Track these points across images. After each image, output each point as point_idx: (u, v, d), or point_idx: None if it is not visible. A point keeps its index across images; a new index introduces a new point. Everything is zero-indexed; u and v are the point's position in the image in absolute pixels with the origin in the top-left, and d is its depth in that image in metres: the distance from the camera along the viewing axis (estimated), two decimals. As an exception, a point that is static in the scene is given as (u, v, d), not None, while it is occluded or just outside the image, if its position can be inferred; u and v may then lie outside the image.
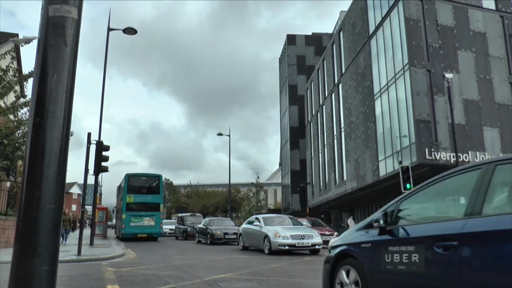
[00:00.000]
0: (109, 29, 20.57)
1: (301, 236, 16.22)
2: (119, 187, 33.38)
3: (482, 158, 26.17)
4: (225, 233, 24.36)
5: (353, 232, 5.36)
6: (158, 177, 30.04)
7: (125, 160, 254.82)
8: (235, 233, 24.75)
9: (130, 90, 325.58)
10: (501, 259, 3.20)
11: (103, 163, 17.38)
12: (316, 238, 16.50)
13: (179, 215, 37.98)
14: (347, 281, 4.92)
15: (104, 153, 17.35)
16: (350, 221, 29.85)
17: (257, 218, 19.16)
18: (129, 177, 28.84)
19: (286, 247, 15.92)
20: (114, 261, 13.52)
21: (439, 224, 4.12)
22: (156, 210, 28.17)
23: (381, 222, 4.59)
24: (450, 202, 4.73)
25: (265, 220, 18.36)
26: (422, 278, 3.94)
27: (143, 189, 28.79)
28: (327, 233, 21.41)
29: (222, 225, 25.97)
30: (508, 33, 27.88)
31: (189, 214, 38.03)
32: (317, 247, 16.37)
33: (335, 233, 21.39)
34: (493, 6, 29.84)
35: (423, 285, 3.95)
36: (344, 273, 5.02)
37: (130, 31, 20.23)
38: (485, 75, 28.00)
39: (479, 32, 28.87)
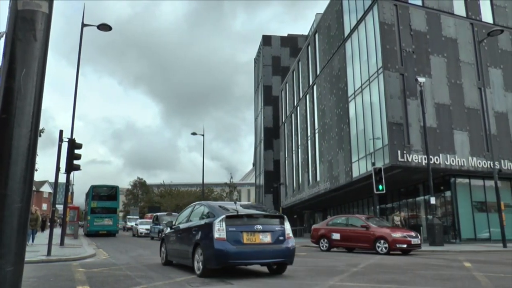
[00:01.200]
0: (83, 25, 20.24)
1: None
2: (86, 194, 39.96)
3: (452, 160, 26.65)
4: None
5: (167, 229, 12.47)
6: (115, 188, 37.88)
7: (99, 159, 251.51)
8: None
9: (105, 89, 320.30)
10: (187, 237, 10.41)
11: (75, 161, 17.11)
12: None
13: (155, 214, 37.21)
14: (163, 250, 12.28)
15: (76, 151, 17.08)
16: None
17: None
18: (93, 188, 36.95)
19: None
20: (85, 261, 13.35)
21: (182, 224, 11.22)
22: (113, 213, 36.19)
23: (170, 225, 12.24)
24: (186, 216, 11.46)
25: None
26: (175, 245, 11.29)
27: (104, 197, 36.33)
28: (413, 234, 18.40)
29: None
30: (477, 40, 28.45)
31: (165, 213, 36.99)
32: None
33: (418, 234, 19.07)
34: (464, 13, 30.43)
35: (176, 248, 11.23)
36: (162, 247, 12.37)
37: (104, 27, 19.93)
38: (456, 80, 28.53)
39: (451, 38, 29.40)
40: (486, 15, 31.14)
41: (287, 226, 9.73)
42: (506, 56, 30.81)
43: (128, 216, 63.77)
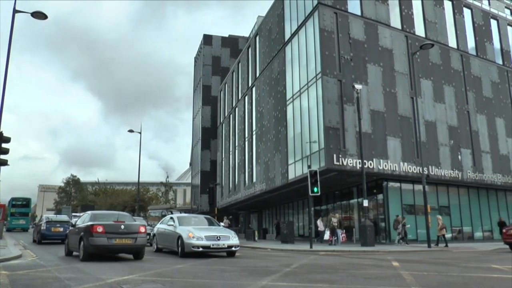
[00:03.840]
0: (15, 11, 19.27)
1: (217, 237, 15.02)
2: (8, 202, 51.71)
3: (385, 165, 27.68)
4: None
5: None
6: (28, 199, 52.93)
7: (32, 155, 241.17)
8: (148, 234, 23.99)
9: (42, 82, 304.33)
10: (36, 229, 26.03)
11: (3, 156, 16.35)
12: (232, 239, 15.39)
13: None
14: (35, 234, 25.79)
15: (4, 145, 16.32)
16: (319, 222, 29.99)
17: (171, 218, 17.68)
18: (12, 199, 51.28)
19: (200, 249, 14.68)
20: (10, 263, 12.41)
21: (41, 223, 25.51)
22: (26, 216, 51.12)
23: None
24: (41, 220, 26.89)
25: (180, 220, 16.88)
26: (35, 233, 26.23)
27: (20, 205, 50.53)
28: None
29: None
30: (411, 52, 29.72)
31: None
32: (233, 248, 15.39)
33: None
34: (399, 26, 31.72)
35: (36, 234, 25.84)
36: (35, 232, 26.68)
37: (39, 15, 18.99)
38: (390, 88, 29.66)
39: (387, 48, 30.53)
40: (419, 29, 32.64)
41: (69, 225, 19.24)
42: (436, 68, 32.44)
43: (74, 214, 61.49)
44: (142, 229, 13.74)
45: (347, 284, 8.25)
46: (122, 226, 13.38)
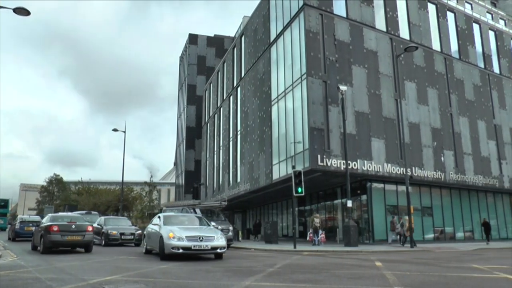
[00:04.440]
0: (-2, 7, 18.96)
1: (199, 238, 13.51)
2: None
3: (369, 166, 27.86)
4: (121, 234, 23.25)
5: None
6: (6, 200, 53.76)
7: (15, 154, 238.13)
8: (132, 234, 23.77)
9: (26, 80, 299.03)
10: (12, 228, 29.72)
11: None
12: (218, 240, 13.87)
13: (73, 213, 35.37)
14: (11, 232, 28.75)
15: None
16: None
17: (158, 217, 16.42)
18: None
19: (180, 250, 13.27)
20: None
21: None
22: (4, 216, 52.30)
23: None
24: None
25: (166, 219, 15.65)
26: (9, 231, 30.87)
27: None
28: None
29: (118, 224, 24.62)
30: (395, 54, 29.93)
31: (83, 212, 35.64)
32: (218, 250, 13.91)
33: None
34: (384, 28, 31.95)
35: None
36: (9, 231, 30.42)
37: (21, 11, 18.59)
38: (375, 90, 29.85)
39: (372, 50, 30.71)
40: (404, 32, 32.92)
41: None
42: (420, 71, 32.75)
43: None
44: (90, 228, 16.96)
45: (331, 284, 8.29)
46: (73, 226, 16.54)
